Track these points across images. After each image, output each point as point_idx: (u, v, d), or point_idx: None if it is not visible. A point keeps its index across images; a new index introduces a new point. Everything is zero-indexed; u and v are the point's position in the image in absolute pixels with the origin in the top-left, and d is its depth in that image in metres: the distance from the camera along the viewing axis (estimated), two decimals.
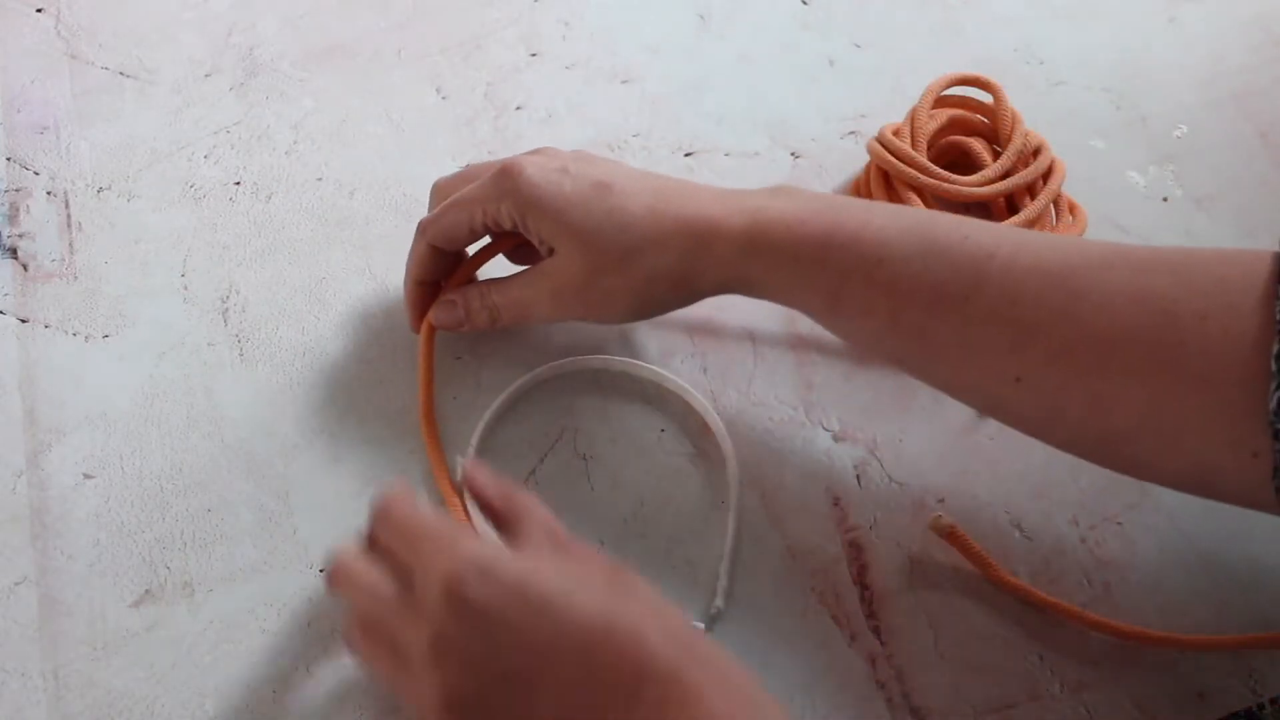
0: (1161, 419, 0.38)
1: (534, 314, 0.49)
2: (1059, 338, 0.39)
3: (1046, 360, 0.40)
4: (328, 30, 0.62)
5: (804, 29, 0.64)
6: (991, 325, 0.41)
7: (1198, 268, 0.39)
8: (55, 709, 0.45)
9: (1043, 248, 0.41)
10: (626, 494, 0.49)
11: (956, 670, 0.46)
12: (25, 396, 0.51)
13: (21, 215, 0.56)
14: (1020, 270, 0.40)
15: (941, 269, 0.41)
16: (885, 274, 0.42)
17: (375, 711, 0.45)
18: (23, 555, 0.48)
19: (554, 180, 0.46)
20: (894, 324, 0.43)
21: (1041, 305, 0.40)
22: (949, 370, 0.43)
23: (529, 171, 0.46)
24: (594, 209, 0.45)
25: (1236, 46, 0.64)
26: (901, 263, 0.42)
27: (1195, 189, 0.59)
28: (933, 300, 0.41)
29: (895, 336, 0.43)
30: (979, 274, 0.41)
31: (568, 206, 0.45)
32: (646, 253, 0.45)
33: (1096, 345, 0.39)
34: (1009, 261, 0.40)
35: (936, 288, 0.41)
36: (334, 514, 0.49)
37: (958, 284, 0.41)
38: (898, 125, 0.57)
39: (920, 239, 0.42)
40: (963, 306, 0.41)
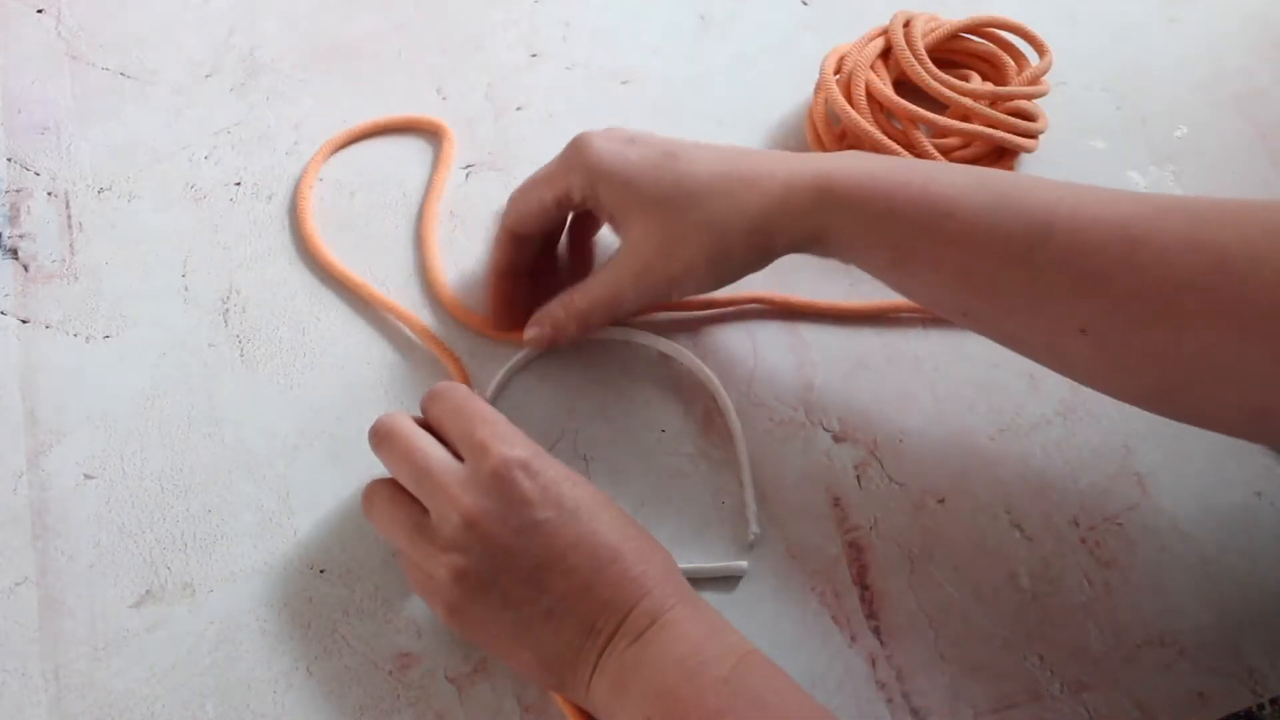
0: (1220, 365, 0.39)
1: (623, 305, 0.49)
2: (1120, 287, 0.40)
3: (1109, 310, 0.40)
4: (328, 30, 0.62)
5: (804, 29, 0.64)
6: (1057, 275, 0.41)
7: (1254, 216, 0.39)
8: (55, 709, 0.45)
9: (1104, 197, 0.42)
10: (626, 494, 0.49)
11: (956, 670, 0.46)
12: (26, 397, 0.51)
13: (22, 216, 0.56)
14: (1084, 219, 0.41)
15: (1009, 221, 0.42)
16: (954, 226, 0.42)
17: (376, 712, 0.45)
18: (23, 555, 0.48)
19: (621, 150, 0.47)
20: (962, 277, 0.43)
21: (1104, 254, 0.40)
22: (1015, 323, 0.44)
23: (597, 143, 0.47)
24: (663, 176, 0.46)
25: (1236, 46, 0.64)
26: (969, 215, 0.42)
27: (1195, 189, 0.59)
28: (1000, 252, 0.42)
29: (963, 289, 0.44)
30: (1046, 225, 0.41)
31: (637, 175, 0.46)
32: (720, 214, 0.45)
33: (1156, 294, 0.39)
34: (1073, 211, 0.41)
35: (1004, 240, 0.42)
36: (334, 514, 0.49)
37: (1025, 235, 0.41)
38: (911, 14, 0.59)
39: (988, 192, 0.43)
40: (1029, 257, 0.41)
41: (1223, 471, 0.51)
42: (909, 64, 0.57)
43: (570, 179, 0.47)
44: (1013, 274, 0.42)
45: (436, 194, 0.56)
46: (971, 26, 0.59)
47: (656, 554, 0.43)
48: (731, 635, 0.41)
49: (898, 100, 0.55)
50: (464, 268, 0.55)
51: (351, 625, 0.47)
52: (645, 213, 0.46)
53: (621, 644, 0.40)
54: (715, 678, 0.39)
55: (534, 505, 0.41)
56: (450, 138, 0.58)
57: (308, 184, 0.56)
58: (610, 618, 0.41)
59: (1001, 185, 0.43)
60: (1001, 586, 0.48)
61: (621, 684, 0.40)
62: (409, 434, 0.44)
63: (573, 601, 0.41)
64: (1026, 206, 0.42)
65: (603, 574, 0.41)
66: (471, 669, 0.46)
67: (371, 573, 0.48)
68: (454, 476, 0.42)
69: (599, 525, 0.42)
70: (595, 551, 0.41)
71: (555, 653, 0.41)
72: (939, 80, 0.56)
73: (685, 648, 0.40)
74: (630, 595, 0.41)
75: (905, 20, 0.58)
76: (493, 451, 0.42)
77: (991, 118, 0.56)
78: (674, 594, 0.42)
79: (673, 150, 0.47)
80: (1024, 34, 0.59)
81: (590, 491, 0.43)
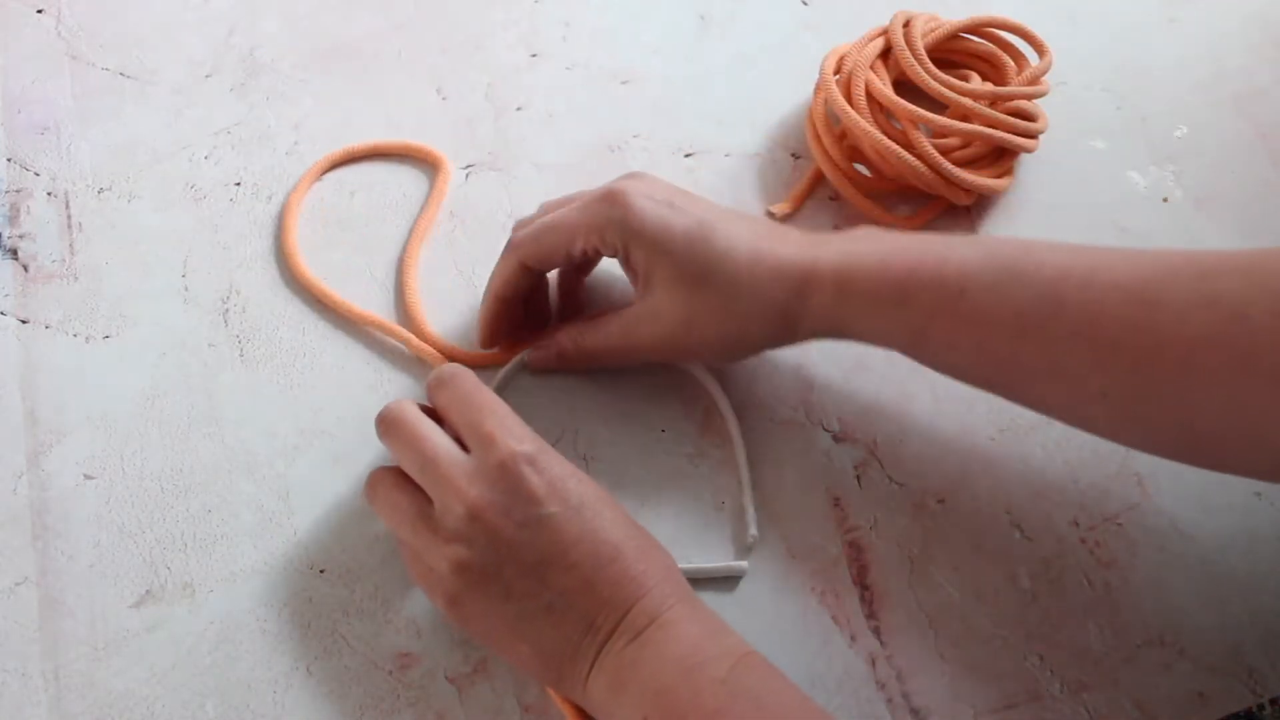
0: (1242, 416, 0.39)
1: (633, 357, 0.50)
2: (1138, 349, 0.40)
3: (1128, 373, 0.40)
4: (328, 30, 0.62)
5: (804, 29, 0.64)
6: (1074, 344, 0.41)
7: (1264, 265, 0.39)
8: (55, 709, 0.45)
9: (1115, 262, 0.42)
10: (627, 494, 0.49)
11: (956, 670, 0.46)
12: (26, 397, 0.51)
13: (22, 216, 0.56)
14: (1096, 288, 0.41)
15: (1021, 296, 0.42)
16: (968, 307, 0.43)
17: (376, 712, 0.45)
18: (23, 556, 0.48)
19: (663, 215, 0.46)
20: (980, 353, 0.44)
21: (1118, 320, 0.40)
22: (1037, 393, 0.44)
23: (638, 202, 0.46)
24: (699, 250, 0.46)
25: (1236, 46, 0.64)
26: (982, 293, 0.43)
27: (1195, 189, 0.59)
28: (1015, 327, 0.42)
29: (982, 365, 0.44)
30: (1057, 296, 0.41)
31: (674, 245, 0.46)
32: (745, 305, 0.46)
33: (1173, 353, 0.39)
34: (1084, 281, 0.41)
35: (1018, 315, 0.42)
36: (334, 514, 0.49)
37: (1038, 309, 0.42)
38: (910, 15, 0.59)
39: (998, 268, 0.43)
40: (1044, 330, 0.42)
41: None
42: (909, 64, 0.57)
43: (604, 233, 0.47)
44: (1028, 347, 0.42)
45: (419, 237, 0.55)
46: (971, 27, 0.59)
47: (657, 553, 0.43)
48: (730, 636, 0.41)
49: (897, 100, 0.55)
50: (463, 271, 0.55)
51: (351, 625, 0.47)
52: (675, 284, 0.46)
53: (620, 642, 0.41)
54: (713, 678, 0.39)
55: (539, 500, 0.42)
56: (445, 170, 0.57)
57: (297, 199, 0.56)
58: (610, 615, 0.41)
59: (1011, 256, 0.43)
60: (1001, 586, 0.48)
61: (619, 682, 0.40)
62: (416, 422, 0.44)
63: (573, 597, 0.41)
64: (1038, 279, 0.42)
65: (604, 571, 0.41)
66: (471, 669, 0.46)
67: (371, 573, 0.48)
68: (460, 468, 0.42)
69: (602, 523, 0.42)
70: (597, 549, 0.41)
71: (554, 648, 0.41)
72: (939, 80, 0.56)
73: (683, 648, 0.40)
74: (630, 594, 0.41)
75: (905, 20, 0.58)
76: (500, 444, 0.42)
77: (991, 118, 0.56)
78: (673, 594, 0.42)
79: (710, 223, 0.46)
80: (1024, 34, 0.59)
81: (594, 489, 0.43)
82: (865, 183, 0.57)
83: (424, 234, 0.55)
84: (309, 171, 0.57)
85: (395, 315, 0.54)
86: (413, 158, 0.58)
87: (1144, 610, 0.47)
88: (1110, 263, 0.42)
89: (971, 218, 0.57)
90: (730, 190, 0.58)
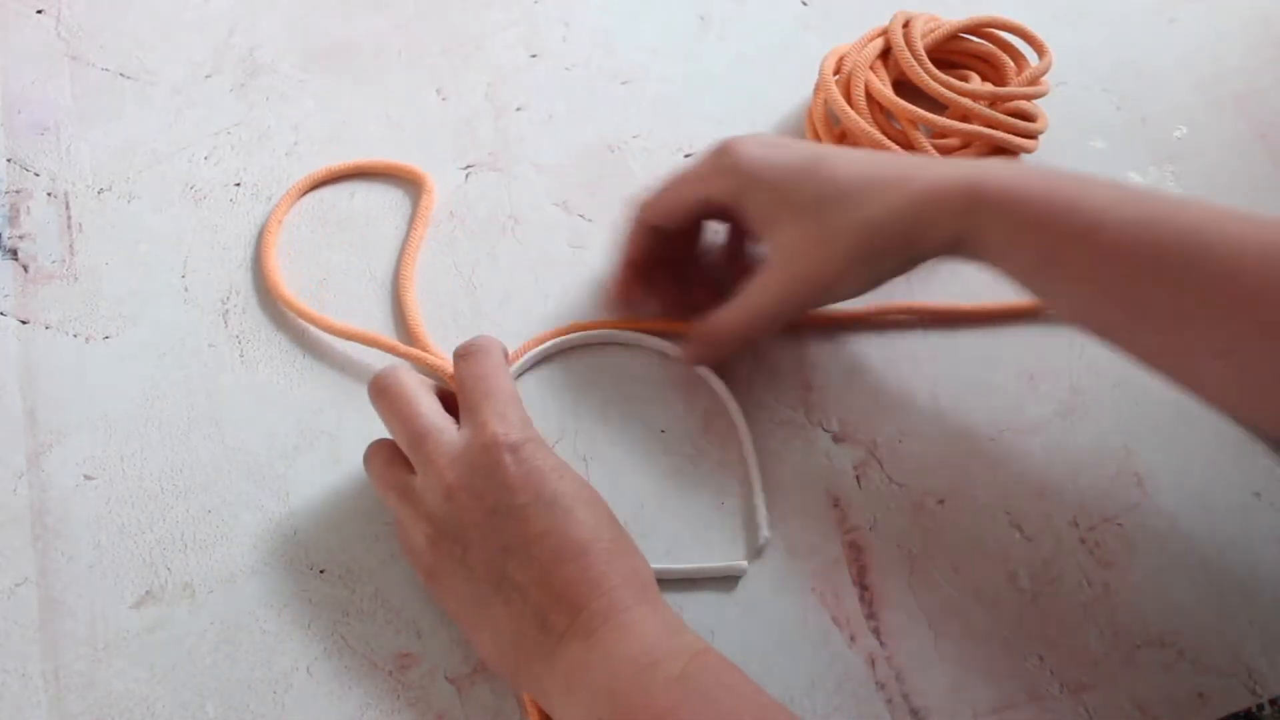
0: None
1: (780, 312, 0.49)
2: (1270, 311, 0.39)
3: (1256, 334, 0.39)
4: (328, 31, 0.62)
5: (804, 29, 0.64)
6: (1209, 292, 0.40)
7: None
8: (55, 709, 0.45)
9: (1261, 222, 0.41)
10: (627, 494, 0.49)
11: (956, 670, 0.46)
12: (26, 397, 0.51)
13: (22, 216, 0.56)
14: (1236, 242, 0.40)
15: (1160, 237, 0.41)
16: (1104, 238, 0.42)
17: (376, 712, 0.45)
18: (23, 556, 0.48)
19: (768, 155, 0.47)
20: (1107, 289, 0.42)
21: (1254, 276, 0.39)
22: (1156, 339, 0.43)
23: (746, 147, 0.47)
24: (808, 180, 0.46)
25: (1236, 46, 0.64)
26: (1119, 227, 0.42)
27: (1195, 189, 0.59)
28: (1148, 266, 0.41)
29: (1106, 302, 0.43)
30: (1198, 243, 0.40)
31: (785, 179, 0.46)
32: (870, 213, 0.45)
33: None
34: (1223, 232, 0.40)
35: (1154, 255, 0.41)
36: (334, 514, 0.49)
37: (1176, 251, 0.41)
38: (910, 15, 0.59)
39: (1138, 207, 0.42)
40: (1178, 274, 0.40)
41: (1223, 472, 0.51)
42: (908, 64, 0.57)
43: (717, 181, 0.48)
44: (1159, 290, 0.41)
45: (411, 257, 0.55)
46: (971, 27, 0.59)
47: (626, 558, 0.42)
48: (686, 635, 0.41)
49: (897, 100, 0.55)
50: (463, 271, 0.55)
51: (351, 625, 0.47)
52: (794, 216, 0.46)
53: (573, 644, 0.40)
54: (666, 676, 0.38)
55: (512, 488, 0.42)
56: (430, 189, 0.57)
57: (276, 219, 0.55)
58: (562, 615, 0.40)
59: (1152, 201, 0.42)
60: (1001, 586, 0.48)
61: (572, 684, 0.40)
62: (410, 395, 0.45)
63: (529, 591, 0.41)
64: (1178, 224, 0.41)
65: (562, 569, 0.41)
66: (471, 669, 0.46)
67: (371, 573, 0.48)
68: (445, 446, 0.43)
69: (572, 520, 0.42)
70: (560, 546, 0.41)
71: (510, 641, 0.41)
72: (938, 80, 0.56)
73: (637, 648, 0.39)
74: (584, 594, 0.40)
75: (905, 21, 0.58)
76: (488, 429, 0.43)
77: (991, 118, 0.56)
78: (633, 596, 0.41)
79: (818, 154, 0.47)
80: (1023, 34, 0.59)
81: (575, 487, 0.43)
82: None
83: (415, 252, 0.55)
84: (289, 192, 0.56)
85: (395, 322, 0.54)
86: (396, 176, 0.58)
87: (1144, 610, 0.47)
88: (1257, 221, 0.41)
89: None
90: None
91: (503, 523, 0.41)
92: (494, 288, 0.55)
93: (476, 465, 0.42)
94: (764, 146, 0.47)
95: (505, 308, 0.54)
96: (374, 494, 0.49)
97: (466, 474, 0.42)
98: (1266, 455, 0.51)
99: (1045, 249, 0.43)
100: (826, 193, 0.46)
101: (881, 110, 0.56)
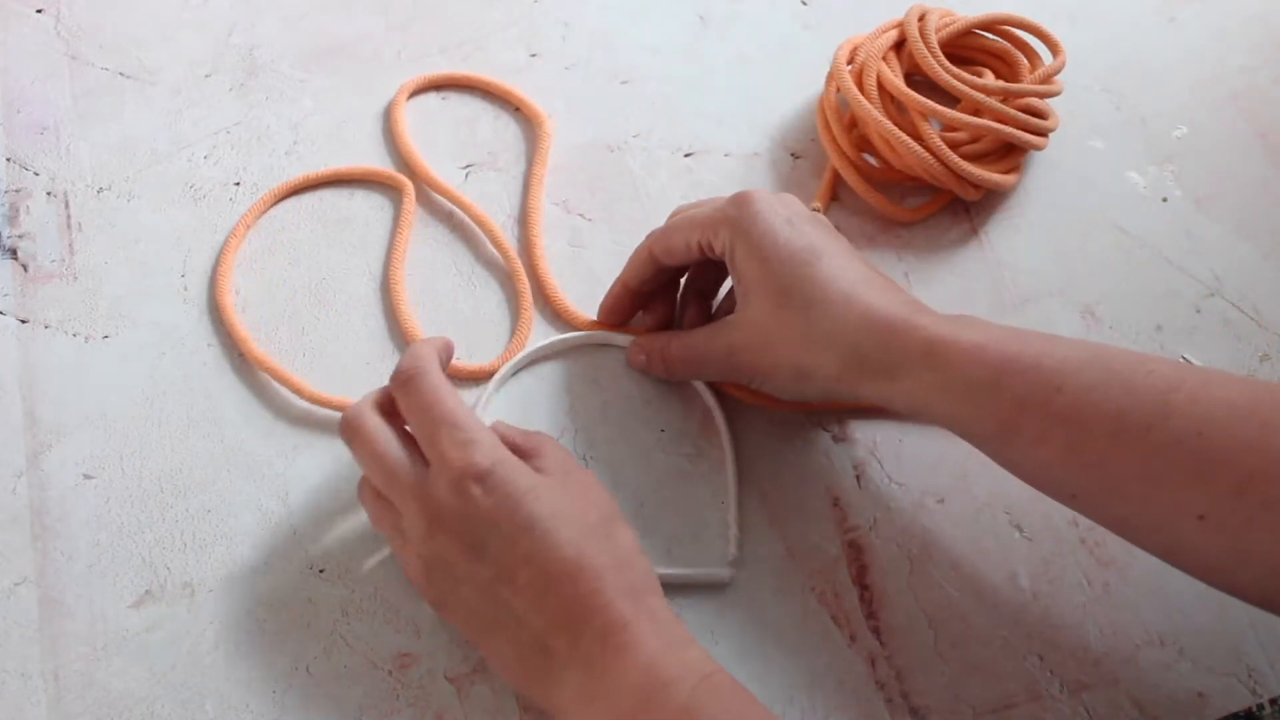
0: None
1: (707, 368, 0.50)
2: (1245, 471, 0.38)
3: (1233, 493, 0.38)
4: (328, 30, 0.62)
5: (804, 29, 0.64)
6: (1176, 455, 0.39)
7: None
8: (55, 709, 0.45)
9: (1229, 382, 0.40)
10: (626, 494, 0.49)
11: (956, 670, 0.46)
12: (25, 397, 0.51)
13: (21, 216, 0.56)
14: (1206, 402, 0.39)
15: (1124, 399, 0.40)
16: (1064, 401, 0.41)
17: (376, 712, 0.45)
18: (23, 556, 0.48)
19: (776, 226, 0.46)
20: (1071, 454, 0.41)
21: (1229, 435, 0.38)
22: (1127, 506, 0.41)
23: (758, 207, 0.46)
24: (799, 270, 0.45)
25: (1236, 46, 0.64)
26: (1083, 391, 0.41)
27: (1195, 189, 0.59)
28: (1114, 430, 0.40)
29: (1071, 467, 0.41)
30: (1164, 404, 0.39)
31: (776, 255, 0.45)
32: (831, 332, 0.45)
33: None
34: (1194, 394, 0.39)
35: (1118, 417, 0.40)
36: (334, 514, 0.49)
37: (1141, 413, 0.40)
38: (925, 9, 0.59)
39: (1102, 369, 0.41)
40: (1145, 436, 0.39)
41: None
42: (922, 56, 0.57)
43: (724, 232, 0.47)
44: (1125, 453, 0.40)
45: (400, 257, 0.55)
46: (986, 23, 0.59)
47: (620, 569, 0.41)
48: (692, 651, 0.40)
49: (908, 92, 0.55)
50: (463, 271, 0.55)
51: (351, 625, 0.47)
52: (766, 295, 0.46)
53: (577, 671, 0.40)
54: (673, 706, 0.38)
55: (485, 521, 0.41)
56: (410, 194, 0.56)
57: (237, 238, 0.55)
58: (563, 639, 0.40)
59: (1117, 362, 0.41)
60: (1001, 586, 0.48)
61: (580, 713, 0.40)
62: (373, 435, 0.43)
63: (526, 619, 0.41)
64: (1146, 384, 0.40)
65: (552, 593, 0.40)
66: (471, 669, 0.46)
67: (371, 573, 0.48)
68: (415, 484, 0.42)
69: (553, 541, 0.41)
70: (546, 568, 0.40)
71: (517, 666, 0.41)
72: (951, 73, 0.56)
73: (639, 674, 0.38)
74: (580, 616, 0.40)
75: (920, 14, 0.58)
76: (450, 461, 0.42)
77: (1002, 113, 0.55)
78: (630, 610, 0.40)
79: (820, 250, 0.46)
80: (1038, 32, 0.59)
81: (552, 505, 0.41)
82: (873, 173, 0.57)
83: (402, 257, 0.55)
84: (256, 204, 0.56)
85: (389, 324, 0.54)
86: (376, 182, 0.58)
87: (1144, 610, 0.47)
88: (1223, 380, 0.40)
89: (973, 214, 0.57)
90: (730, 190, 0.58)
91: (484, 554, 0.41)
92: (494, 287, 0.55)
93: (446, 503, 0.41)
94: (775, 215, 0.46)
95: (505, 307, 0.54)
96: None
97: (439, 513, 0.41)
98: None
99: (1003, 413, 0.42)
100: (803, 292, 0.45)
101: (893, 101, 0.56)
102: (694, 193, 0.58)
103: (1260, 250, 0.57)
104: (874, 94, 0.56)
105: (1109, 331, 0.54)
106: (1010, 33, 0.60)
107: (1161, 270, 0.56)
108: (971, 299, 0.55)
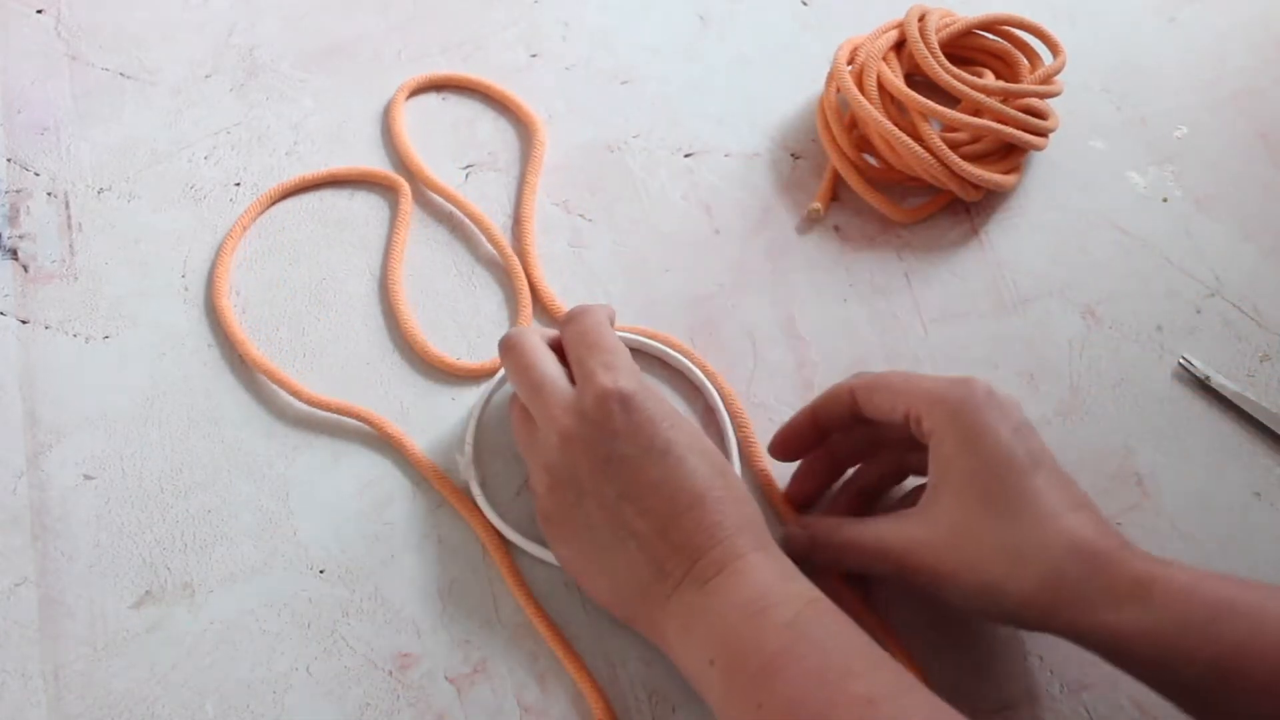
0: None
1: (879, 561, 0.44)
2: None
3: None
4: (328, 30, 0.62)
5: (804, 29, 0.64)
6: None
7: None
8: (55, 709, 0.45)
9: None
10: None
11: (956, 670, 0.46)
12: (26, 397, 0.51)
13: (22, 216, 0.56)
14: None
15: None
16: None
17: (376, 712, 0.45)
18: (23, 556, 0.48)
19: (1000, 425, 0.42)
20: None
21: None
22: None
23: (987, 399, 0.43)
24: (1014, 478, 0.41)
25: (1236, 46, 0.64)
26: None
27: (1195, 189, 0.59)
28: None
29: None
30: None
31: (995, 456, 0.41)
32: (1033, 548, 0.40)
33: None
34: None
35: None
36: (334, 514, 0.49)
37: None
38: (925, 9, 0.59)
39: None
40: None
41: (1223, 471, 0.51)
42: (922, 56, 0.57)
43: (934, 408, 0.43)
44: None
45: (399, 257, 0.55)
46: (986, 23, 0.59)
47: (740, 506, 0.43)
48: (800, 583, 0.41)
49: (908, 92, 0.55)
50: (462, 271, 0.55)
51: (351, 625, 0.47)
52: (967, 495, 0.42)
53: (689, 590, 0.41)
54: (778, 622, 0.39)
55: (622, 439, 0.43)
56: (407, 194, 0.56)
57: (234, 239, 0.55)
58: (680, 562, 0.41)
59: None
60: None
61: (687, 627, 0.41)
62: (529, 350, 0.46)
63: (646, 540, 0.42)
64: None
65: (678, 520, 0.42)
66: (471, 669, 0.46)
67: (371, 573, 0.48)
68: (560, 398, 0.44)
69: (685, 469, 0.42)
70: (675, 495, 0.42)
71: (628, 586, 0.43)
72: (951, 74, 0.56)
73: (750, 593, 0.40)
74: (701, 543, 0.41)
75: (920, 14, 0.58)
76: (597, 381, 0.43)
77: (1002, 113, 0.55)
78: (749, 544, 0.42)
79: (1040, 461, 0.42)
80: (1038, 33, 0.59)
81: (687, 436, 0.43)
82: (873, 173, 0.57)
83: (400, 257, 0.55)
84: (255, 205, 0.56)
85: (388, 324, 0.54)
86: (376, 182, 0.58)
87: None
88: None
89: (973, 214, 0.57)
90: (730, 190, 0.58)
91: (617, 471, 0.42)
92: (494, 287, 0.55)
93: (588, 416, 0.43)
94: (1001, 413, 0.42)
95: (505, 307, 0.54)
96: (374, 494, 0.49)
97: (579, 425, 0.43)
98: (1266, 454, 0.51)
99: (1215, 654, 0.38)
100: (1013, 499, 0.41)
101: (893, 102, 0.56)
102: (694, 193, 0.58)
103: (1260, 250, 0.57)
104: (874, 94, 0.56)
105: (1109, 331, 0.54)
106: (1010, 33, 0.60)
107: (1162, 270, 0.56)
108: (972, 299, 0.55)
